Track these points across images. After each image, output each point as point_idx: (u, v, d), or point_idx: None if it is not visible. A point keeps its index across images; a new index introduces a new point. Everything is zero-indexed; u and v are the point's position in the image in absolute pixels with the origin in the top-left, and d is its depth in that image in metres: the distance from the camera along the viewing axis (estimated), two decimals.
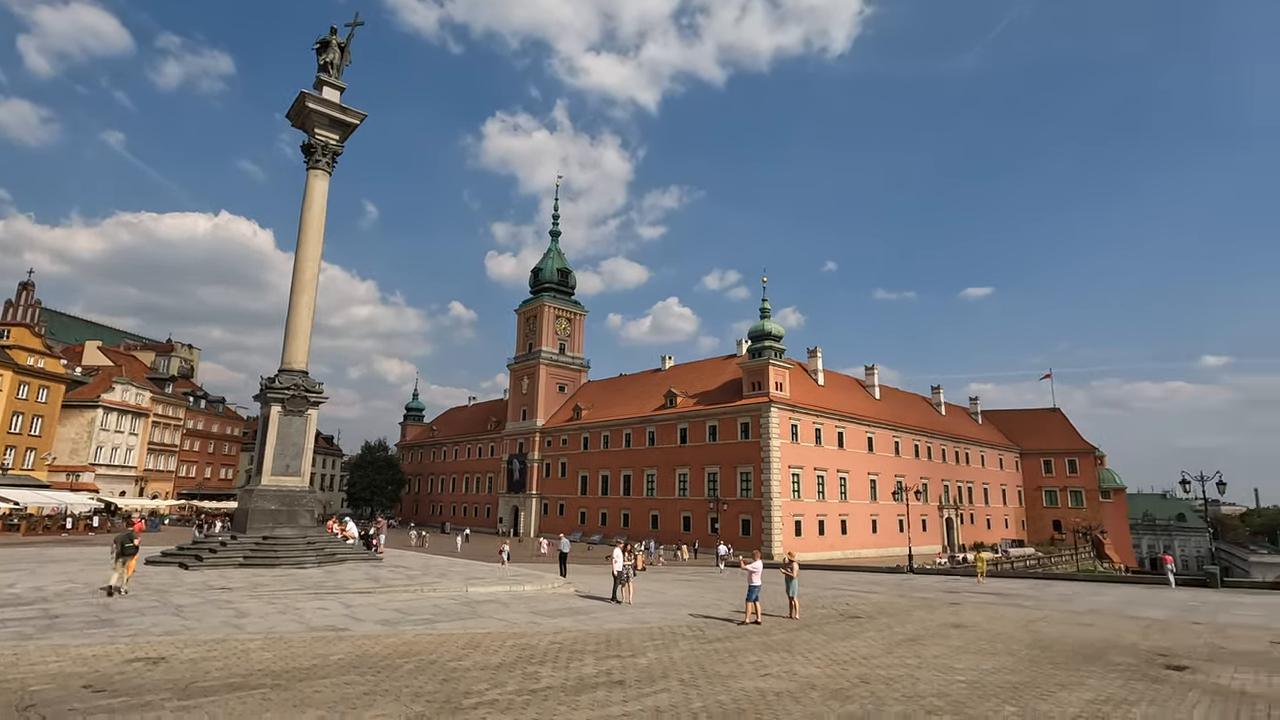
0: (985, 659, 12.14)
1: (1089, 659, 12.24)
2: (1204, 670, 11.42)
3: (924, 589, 26.17)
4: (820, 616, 17.32)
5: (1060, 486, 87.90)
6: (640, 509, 68.46)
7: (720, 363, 72.44)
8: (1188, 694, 9.82)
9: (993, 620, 17.13)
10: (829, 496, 62.08)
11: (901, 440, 71.98)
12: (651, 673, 10.49)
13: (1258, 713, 8.89)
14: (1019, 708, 8.95)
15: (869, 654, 12.39)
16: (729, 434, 61.82)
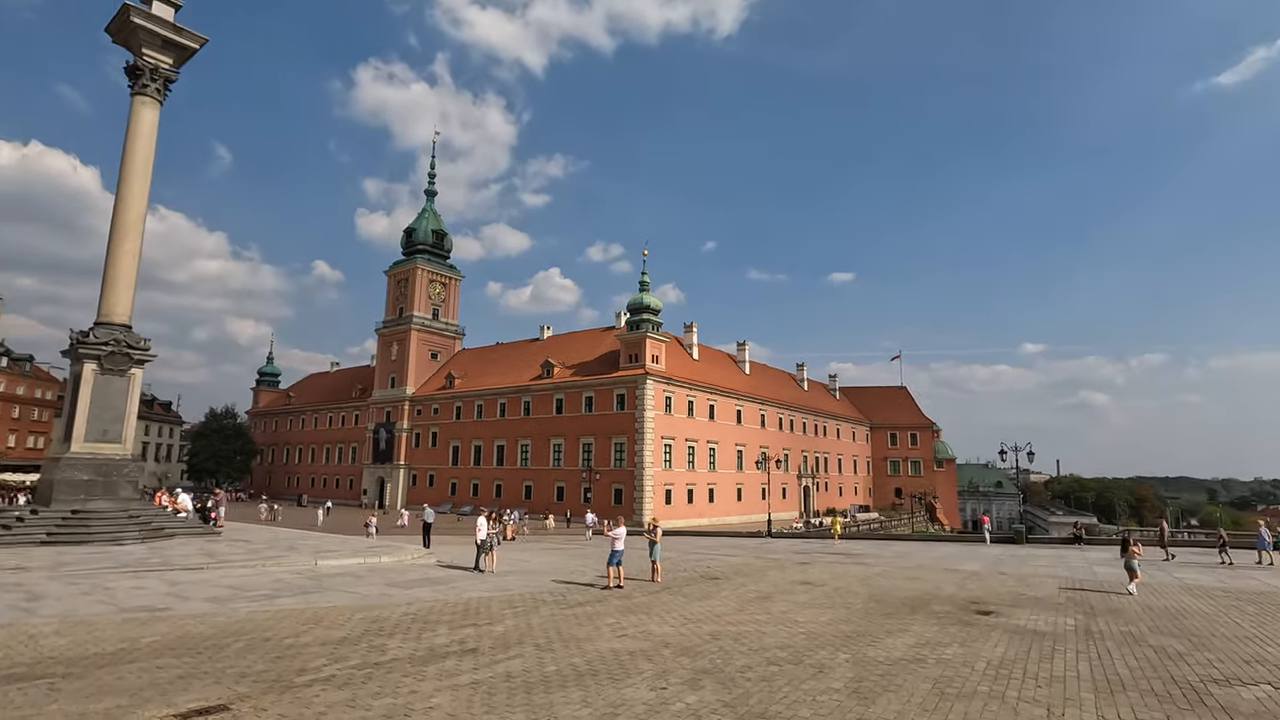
0: (826, 612, 13.03)
1: (915, 608, 13.47)
2: (1007, 614, 12.91)
3: (779, 551, 27.82)
4: (681, 579, 17.87)
5: (903, 457, 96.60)
6: (514, 479, 67.69)
7: (599, 334, 72.54)
8: (991, 634, 11.04)
9: (837, 577, 18.47)
10: (699, 466, 64.36)
11: (767, 413, 75.82)
12: (507, 639, 10.30)
13: (1045, 647, 10.15)
14: (851, 654, 9.64)
15: (723, 612, 12.91)
16: (605, 405, 62.26)
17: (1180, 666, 9.16)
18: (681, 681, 8.16)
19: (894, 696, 7.64)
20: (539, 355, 72.98)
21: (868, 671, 8.70)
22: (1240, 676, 8.71)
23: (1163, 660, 9.49)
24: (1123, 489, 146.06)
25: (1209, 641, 10.70)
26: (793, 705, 7.30)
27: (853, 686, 8.04)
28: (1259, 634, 11.29)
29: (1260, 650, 10.15)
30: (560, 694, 7.63)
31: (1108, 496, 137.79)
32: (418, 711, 6.92)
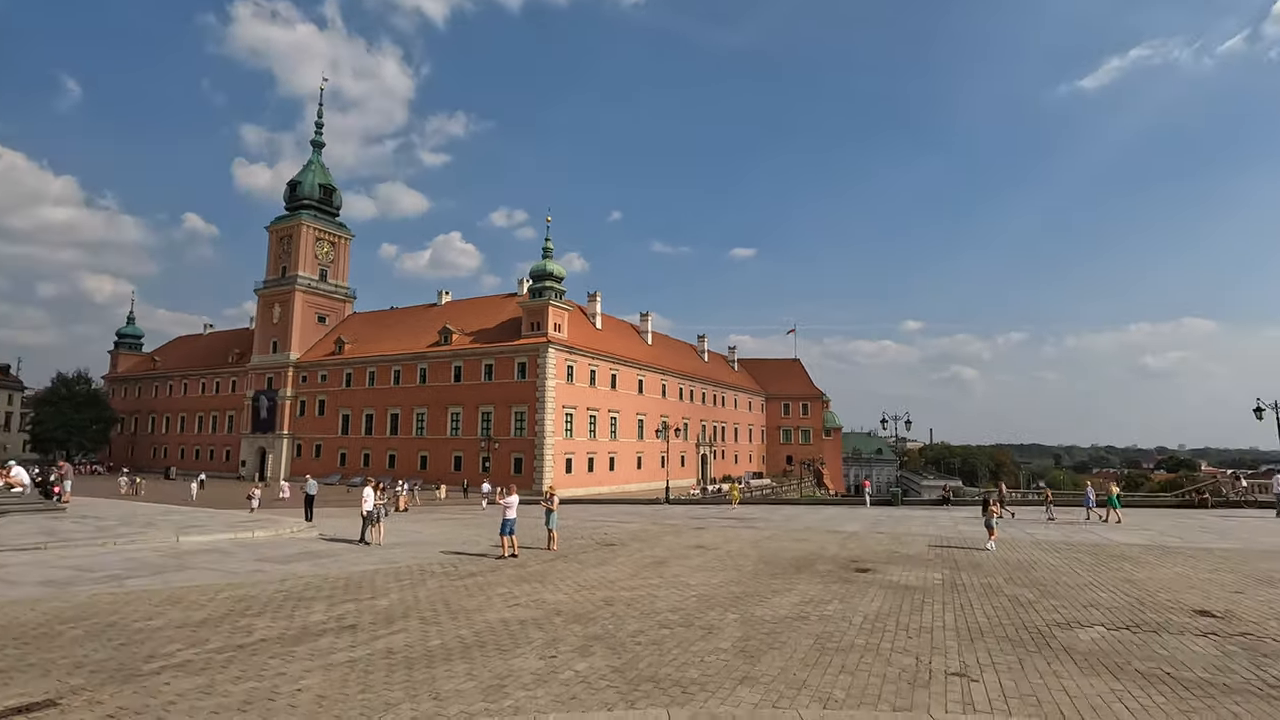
0: (718, 575, 13.35)
1: (800, 568, 14.06)
2: (883, 570, 13.73)
3: (676, 517, 28.43)
4: (578, 546, 17.82)
5: (795, 426, 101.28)
6: (408, 449, 65.36)
7: (500, 301, 70.68)
8: (869, 590, 11.68)
9: (729, 541, 19.04)
10: (600, 435, 64.58)
11: (669, 384, 76.99)
12: (391, 614, 9.81)
13: (915, 600, 10.84)
14: (740, 614, 9.88)
15: (617, 578, 12.94)
16: (505, 373, 61.03)
17: (1030, 613, 10.03)
18: (572, 649, 8.05)
19: (778, 654, 7.87)
20: (436, 321, 70.24)
21: (755, 630, 8.94)
22: (1079, 620, 9.64)
23: (1015, 608, 10.36)
24: (985, 455, 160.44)
25: (1054, 590, 11.81)
26: (682, 667, 7.35)
27: (740, 646, 8.21)
28: (1094, 581, 12.60)
29: (1096, 596, 11.31)
30: (444, 667, 7.31)
31: (972, 462, 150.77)
32: (283, 695, 6.41)
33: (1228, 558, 15.52)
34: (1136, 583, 12.45)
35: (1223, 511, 28.79)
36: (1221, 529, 21.73)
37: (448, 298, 76.52)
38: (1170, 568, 14.16)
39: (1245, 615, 9.98)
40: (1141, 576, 13.10)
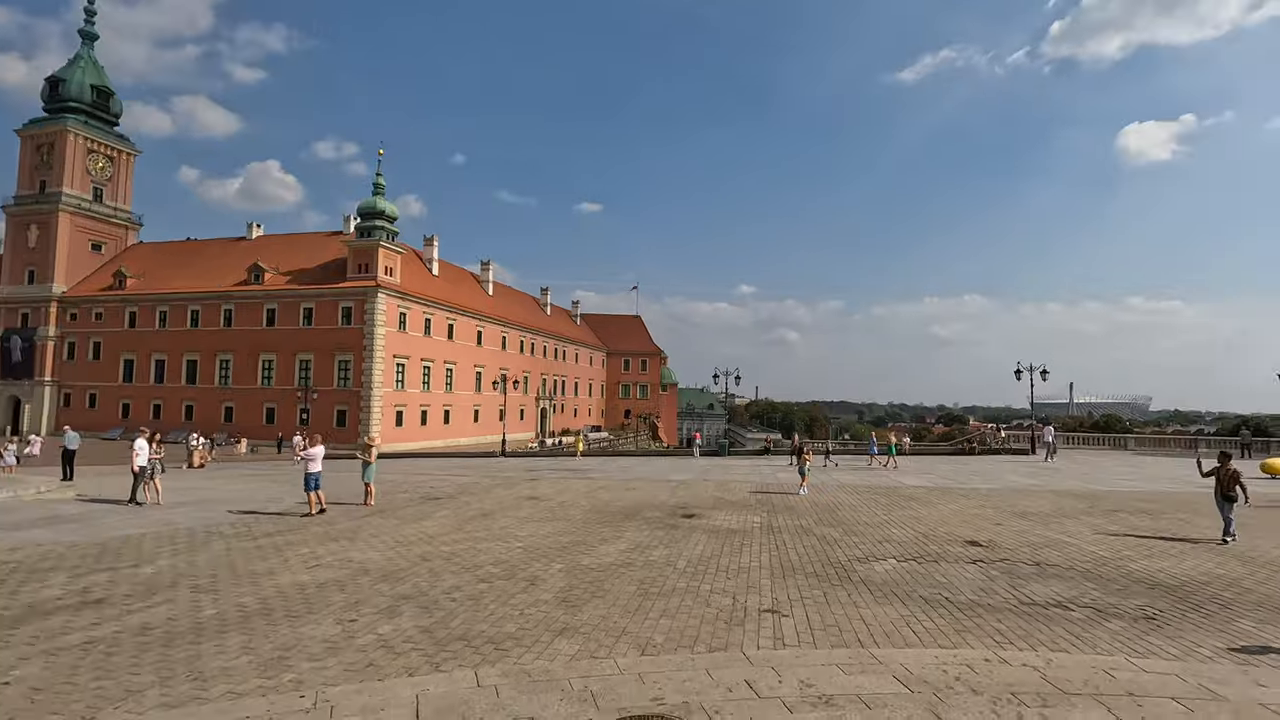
0: (548, 525, 13.04)
1: (630, 516, 14.16)
2: (708, 516, 14.21)
3: (511, 470, 27.82)
4: (400, 501, 16.69)
5: (634, 382, 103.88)
6: (210, 400, 58.23)
7: (323, 239, 64.21)
8: (693, 535, 11.98)
9: (562, 492, 18.85)
10: (435, 387, 61.72)
11: (509, 336, 75.14)
12: (155, 584, 8.36)
13: (735, 543, 11.26)
14: (565, 564, 9.63)
15: (438, 533, 12.18)
16: (328, 319, 55.96)
17: (835, 550, 10.79)
18: (377, 611, 7.29)
19: (601, 601, 7.69)
20: (246, 257, 62.37)
21: (579, 580, 8.71)
22: (875, 554, 10.52)
23: (823, 546, 11.10)
24: (801, 410, 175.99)
25: (855, 528, 12.88)
26: (498, 622, 6.91)
27: (563, 596, 7.93)
28: (888, 520, 13.94)
29: (889, 532, 12.47)
30: (215, 642, 6.27)
31: (791, 417, 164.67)
32: None
33: (991, 496, 17.98)
34: (922, 519, 13.95)
35: (987, 458, 33.69)
36: (985, 472, 25.29)
37: (259, 231, 68.15)
38: (948, 505, 16.09)
39: (1004, 544, 11.47)
40: (926, 514, 14.72)
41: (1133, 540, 11.83)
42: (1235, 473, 11.68)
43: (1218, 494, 11.80)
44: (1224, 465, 11.88)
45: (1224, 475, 11.76)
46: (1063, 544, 11.49)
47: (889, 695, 4.71)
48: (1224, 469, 11.81)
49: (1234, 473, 11.69)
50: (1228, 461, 11.99)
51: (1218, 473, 11.87)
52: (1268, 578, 9.35)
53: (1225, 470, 11.79)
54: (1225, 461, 11.98)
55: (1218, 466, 11.95)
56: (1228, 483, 11.63)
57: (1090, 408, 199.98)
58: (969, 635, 6.64)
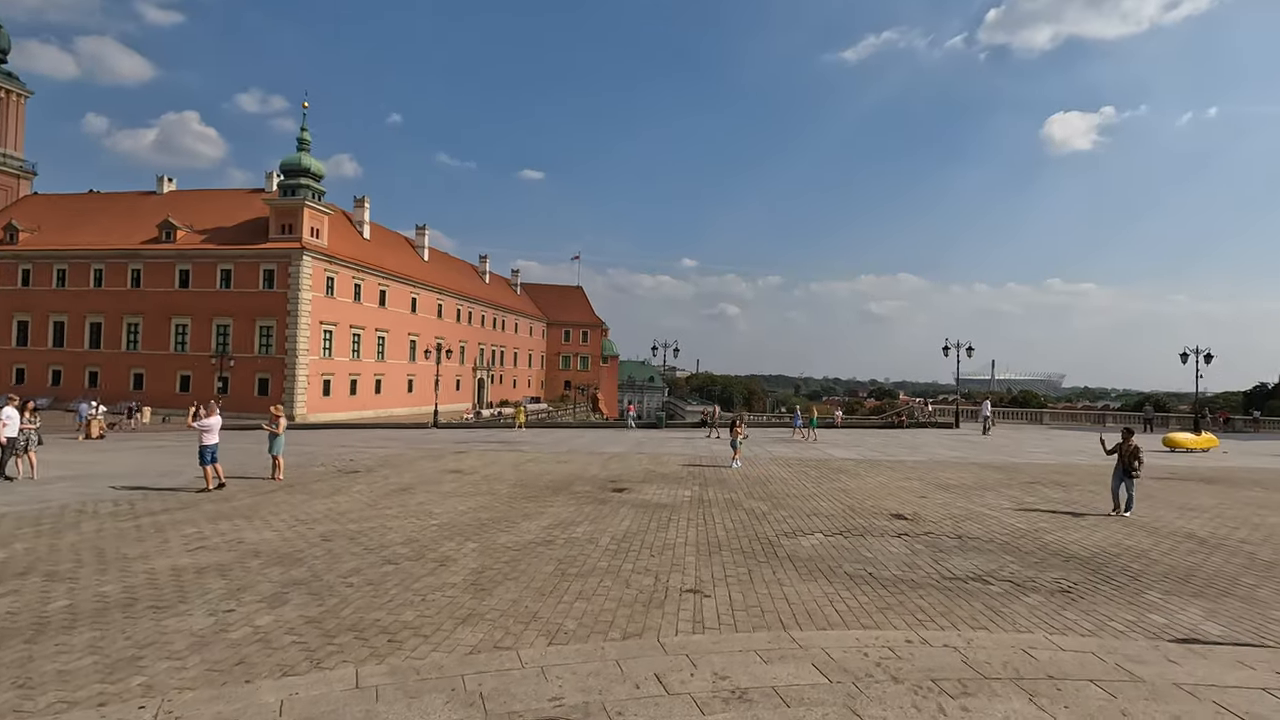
0: (469, 500, 12.42)
1: (558, 490, 13.67)
2: (638, 489, 13.87)
3: (440, 441, 26.88)
4: (313, 475, 15.71)
5: (574, 353, 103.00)
6: (117, 365, 54.32)
7: (243, 196, 60.19)
8: (621, 509, 11.60)
9: (490, 465, 18.19)
10: (365, 355, 59.38)
11: (445, 303, 72.88)
12: (3, 571, 7.37)
13: (663, 517, 10.93)
14: (481, 543, 9.07)
15: (349, 509, 11.40)
16: (248, 281, 52.77)
17: (762, 525, 10.60)
18: (260, 599, 6.58)
19: (514, 584, 7.19)
20: (157, 213, 57.89)
21: (493, 560, 8.18)
22: (802, 529, 10.37)
23: (751, 521, 10.90)
24: (740, 384, 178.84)
25: (784, 501, 12.78)
26: (397, 610, 6.33)
27: (473, 579, 7.39)
28: (817, 492, 13.92)
29: (818, 505, 12.41)
30: (57, 640, 5.47)
31: (730, 389, 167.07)
32: None
33: (917, 468, 18.33)
34: (850, 492, 13.99)
35: (915, 431, 34.72)
36: (913, 445, 25.95)
37: (171, 186, 63.41)
38: (875, 477, 16.26)
39: (928, 516, 11.55)
40: (854, 486, 14.80)
41: (1047, 513, 12.11)
42: (1136, 448, 11.98)
43: (1118, 469, 12.04)
44: (1126, 441, 12.14)
45: (1126, 450, 12.00)
46: (983, 516, 11.65)
47: (806, 687, 4.40)
48: (1126, 445, 12.06)
49: (1134, 448, 11.97)
50: (1130, 437, 12.26)
51: (1120, 449, 12.08)
52: (1171, 548, 9.65)
53: (1127, 446, 12.04)
54: (1128, 438, 12.26)
55: (1121, 443, 12.17)
56: (1129, 458, 11.89)
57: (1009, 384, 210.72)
58: (891, 614, 6.47)
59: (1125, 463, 11.91)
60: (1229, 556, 9.24)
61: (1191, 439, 24.40)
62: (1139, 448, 12.02)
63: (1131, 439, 12.22)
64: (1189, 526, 11.19)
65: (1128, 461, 11.88)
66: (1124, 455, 11.97)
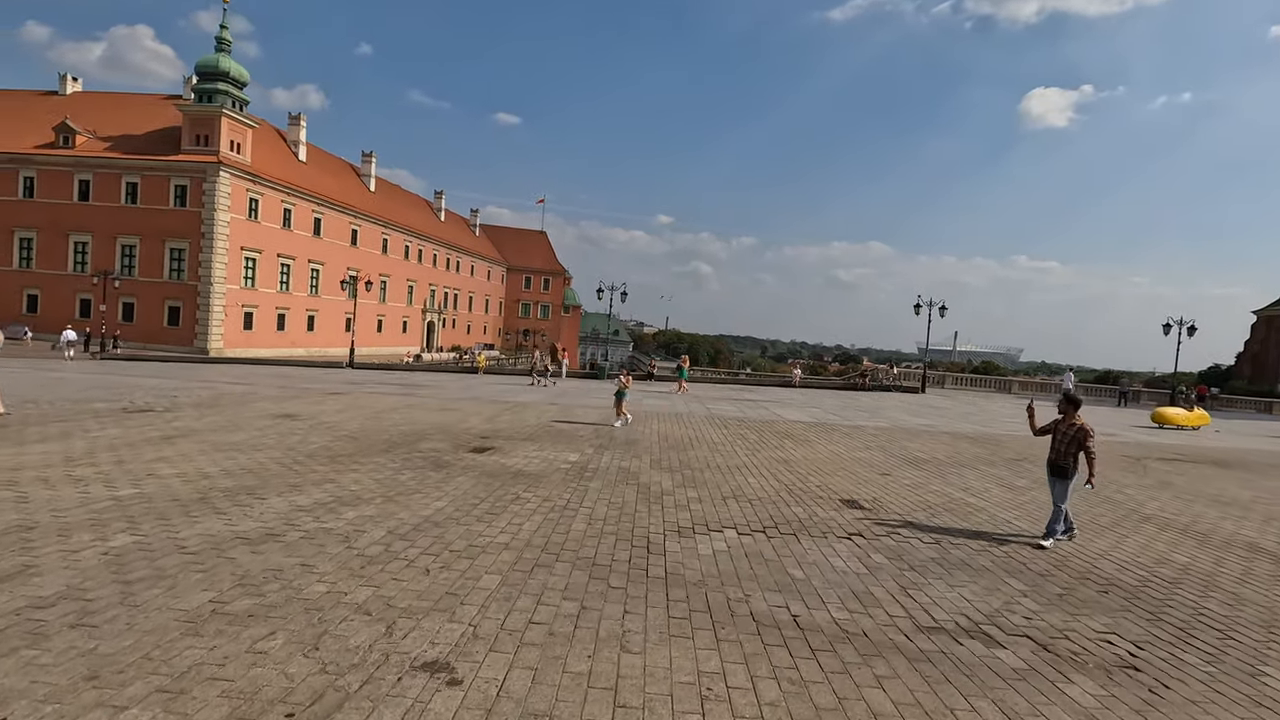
0: (245, 456, 8.74)
1: (392, 448, 10.02)
2: (508, 450, 10.31)
3: (332, 383, 22.90)
4: (64, 411, 11.83)
5: (535, 300, 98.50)
6: (7, 285, 48.56)
7: (155, 103, 53.70)
8: (456, 479, 8.03)
9: (344, 410, 14.43)
10: (296, 288, 54.45)
11: (391, 238, 67.61)
12: None
13: (510, 494, 7.42)
14: (144, 536, 5.44)
15: (27, 465, 7.62)
16: (158, 197, 47.14)
17: (653, 512, 7.16)
18: None
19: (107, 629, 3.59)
20: (53, 115, 51.27)
21: (95, 583, 4.56)
22: (710, 520, 6.96)
23: (640, 504, 7.46)
24: (708, 343, 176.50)
25: (700, 475, 9.36)
26: None
27: (31, 625, 3.77)
28: (749, 463, 10.55)
29: (744, 481, 9.03)
30: None
31: (696, 347, 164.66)
32: None
33: (878, 436, 15.15)
34: (792, 464, 10.66)
35: (876, 394, 31.84)
36: (874, 409, 22.88)
37: (76, 87, 56.41)
38: (828, 446, 12.98)
39: (891, 505, 8.26)
40: (798, 456, 11.47)
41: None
42: (1083, 430, 6.94)
43: (1052, 463, 7.14)
44: (1067, 416, 7.14)
45: (1066, 433, 7.04)
46: (967, 507, 8.40)
47: None
48: (1066, 422, 7.11)
49: (1081, 429, 6.95)
50: (1073, 411, 7.14)
51: (1056, 428, 7.19)
52: (1244, 571, 6.50)
53: (1068, 424, 7.07)
54: (1070, 411, 7.15)
55: (1058, 419, 7.23)
56: (1065, 446, 6.99)
57: (970, 355, 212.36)
58: None
59: (1063, 451, 7.01)
60: None
61: (1184, 415, 21.80)
62: (1088, 431, 6.94)
63: (1077, 413, 7.16)
64: (1242, 532, 8.09)
65: (1065, 448, 6.99)
66: (1061, 439, 7.07)
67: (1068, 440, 7.00)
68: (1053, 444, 7.17)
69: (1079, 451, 6.92)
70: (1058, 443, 7.10)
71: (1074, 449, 6.94)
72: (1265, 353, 60.96)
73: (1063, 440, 7.05)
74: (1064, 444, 7.02)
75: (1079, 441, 6.91)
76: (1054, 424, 7.26)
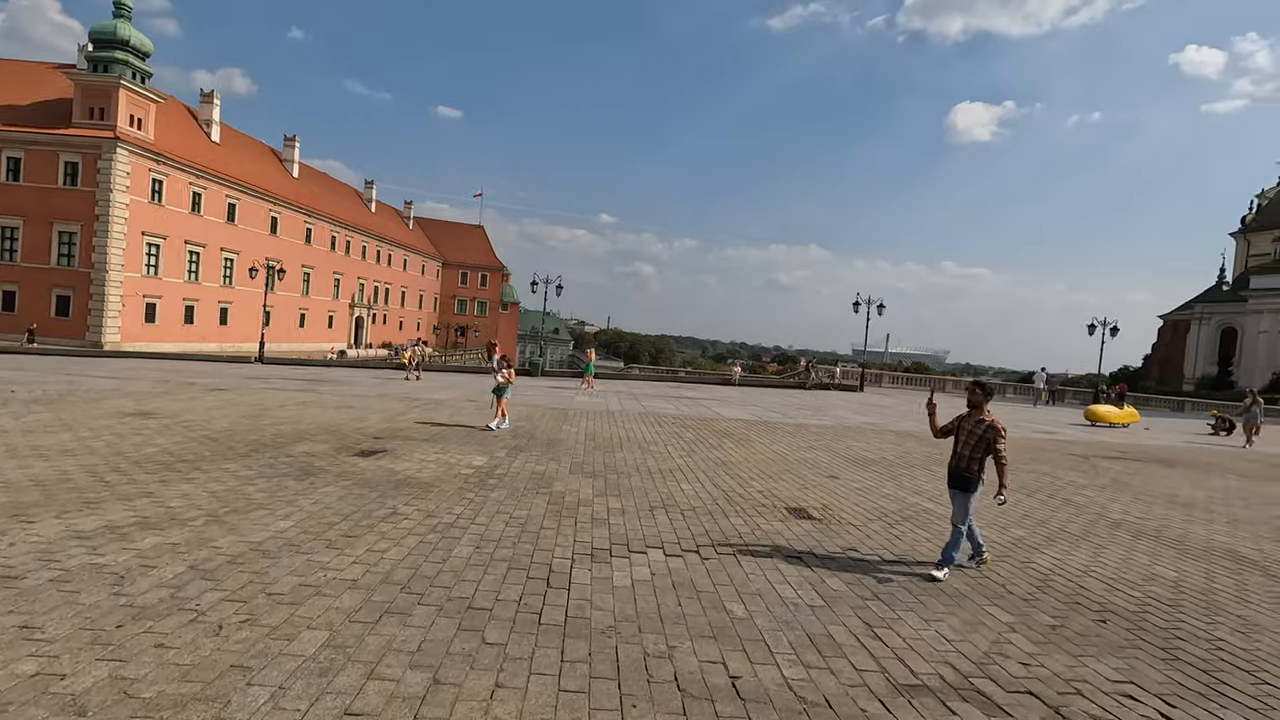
0: (62, 462, 6.95)
1: (262, 449, 8.36)
2: (401, 453, 8.77)
3: (224, 377, 20.55)
4: None
5: (471, 297, 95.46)
6: None
7: (44, 71, 48.71)
8: (319, 490, 6.47)
9: (221, 407, 12.51)
10: (207, 279, 50.47)
11: (316, 228, 63.80)
12: None
13: (380, 510, 5.96)
14: None
15: None
16: (45, 174, 42.66)
17: (561, 529, 5.83)
18: None
19: None
20: None
21: None
22: (631, 540, 5.68)
23: (552, 517, 6.12)
24: (649, 342, 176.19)
25: (627, 480, 8.09)
26: None
27: None
28: (684, 465, 9.35)
29: (676, 488, 7.80)
30: None
31: (638, 347, 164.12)
32: None
33: (822, 435, 14.25)
34: (732, 466, 9.51)
35: (816, 392, 31.42)
36: (815, 406, 22.20)
37: None
38: (770, 445, 11.93)
39: (844, 513, 7.20)
40: (739, 458, 10.35)
41: (1013, 509, 8.02)
42: (994, 428, 5.41)
43: (954, 469, 5.58)
44: (975, 410, 5.58)
45: (969, 430, 5.52)
46: (927, 514, 7.41)
47: None
48: (973, 418, 5.56)
49: (991, 427, 5.42)
50: (983, 404, 5.59)
51: (961, 425, 5.61)
52: (1237, 586, 5.70)
53: (975, 421, 5.53)
54: (982, 402, 5.59)
55: (964, 415, 5.65)
56: (971, 449, 5.45)
57: (900, 356, 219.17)
58: None
59: (967, 455, 5.47)
60: None
61: (1116, 413, 21.97)
62: (999, 429, 5.41)
63: (986, 406, 5.61)
64: (1216, 538, 7.39)
65: (971, 451, 5.45)
66: (967, 440, 5.51)
67: (974, 441, 5.44)
68: (955, 446, 5.60)
69: (986, 455, 5.41)
70: (961, 444, 5.53)
71: (981, 452, 5.41)
72: (1171, 354, 64.41)
73: (968, 441, 5.48)
74: (969, 446, 5.47)
75: (987, 443, 5.38)
76: (957, 421, 5.66)
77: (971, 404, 5.61)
